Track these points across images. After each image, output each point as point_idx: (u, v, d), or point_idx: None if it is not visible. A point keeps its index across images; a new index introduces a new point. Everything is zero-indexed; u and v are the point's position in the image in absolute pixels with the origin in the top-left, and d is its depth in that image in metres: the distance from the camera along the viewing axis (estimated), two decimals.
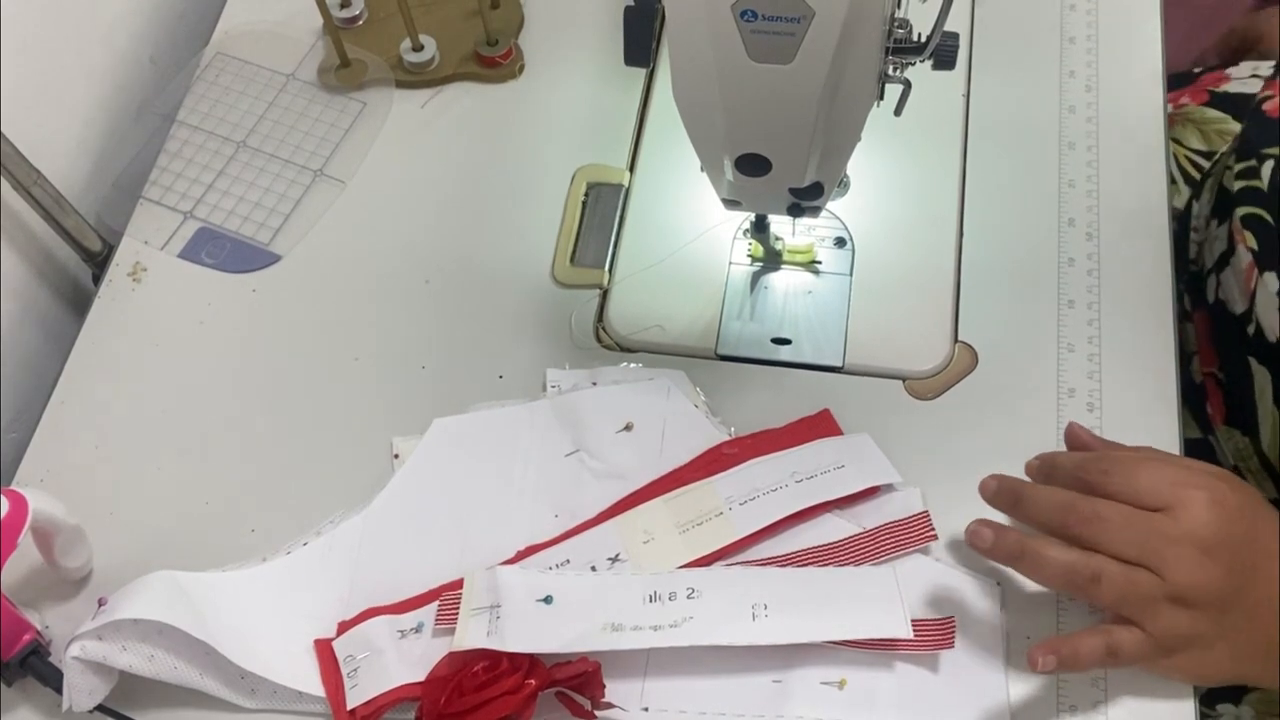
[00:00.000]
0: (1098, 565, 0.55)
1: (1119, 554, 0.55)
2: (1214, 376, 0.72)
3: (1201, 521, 0.54)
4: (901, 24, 0.56)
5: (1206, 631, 0.55)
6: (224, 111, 0.81)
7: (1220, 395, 0.72)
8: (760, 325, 0.70)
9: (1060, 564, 0.55)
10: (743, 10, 0.49)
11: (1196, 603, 0.54)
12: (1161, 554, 0.54)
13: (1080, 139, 0.76)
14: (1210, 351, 0.72)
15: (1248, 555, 0.55)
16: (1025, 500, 0.58)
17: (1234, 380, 0.70)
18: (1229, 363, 0.70)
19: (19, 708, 0.61)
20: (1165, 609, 0.54)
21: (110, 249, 0.77)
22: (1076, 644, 0.55)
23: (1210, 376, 0.73)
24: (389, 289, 0.73)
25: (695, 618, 0.58)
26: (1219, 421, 0.72)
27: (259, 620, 0.61)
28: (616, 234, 0.74)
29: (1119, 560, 0.55)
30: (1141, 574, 0.54)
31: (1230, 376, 0.70)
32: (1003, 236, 0.72)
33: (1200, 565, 0.54)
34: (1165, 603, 0.54)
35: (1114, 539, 0.55)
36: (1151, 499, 0.55)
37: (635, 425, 0.66)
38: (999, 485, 0.59)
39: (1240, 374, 0.68)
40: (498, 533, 0.64)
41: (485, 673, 0.56)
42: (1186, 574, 0.54)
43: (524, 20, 0.83)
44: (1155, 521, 0.55)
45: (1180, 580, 0.54)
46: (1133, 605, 0.55)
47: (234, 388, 0.70)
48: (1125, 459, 0.58)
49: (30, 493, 0.58)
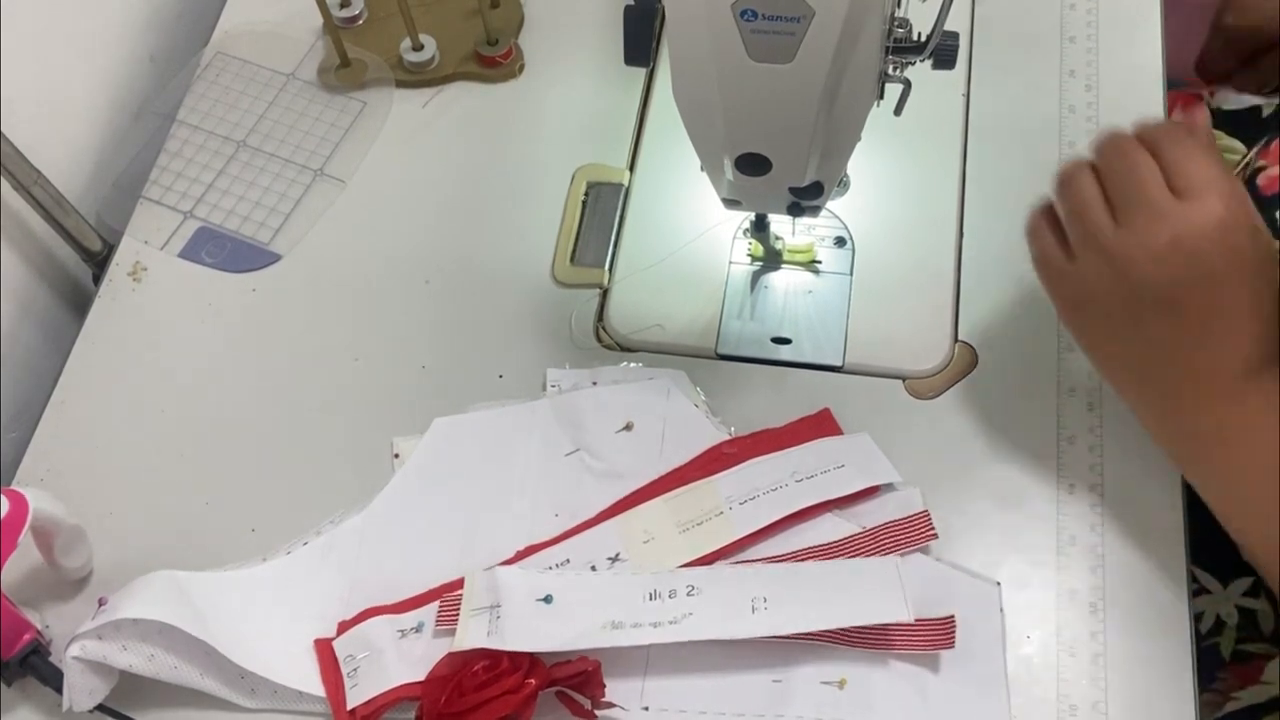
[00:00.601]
0: (1080, 174, 0.54)
1: (1110, 185, 0.54)
2: None
3: (1194, 225, 0.52)
4: (901, 23, 0.56)
5: (1113, 307, 0.54)
6: (224, 111, 0.81)
7: None
8: (760, 325, 0.70)
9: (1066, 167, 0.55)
10: (743, 10, 0.49)
11: (1124, 272, 0.53)
12: (1137, 213, 0.52)
13: (1080, 139, 0.76)
14: None
15: (1202, 292, 0.53)
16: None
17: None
18: None
19: (19, 707, 0.61)
20: (1092, 255, 0.54)
21: (110, 249, 0.77)
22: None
23: None
24: (389, 289, 0.73)
25: (695, 614, 0.58)
26: None
27: (259, 620, 0.61)
28: (616, 234, 0.74)
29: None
30: (1103, 211, 0.53)
31: None
32: (1003, 236, 0.72)
33: (1156, 254, 0.52)
34: (1099, 250, 0.53)
35: (1120, 173, 0.53)
36: (1181, 178, 0.52)
37: (635, 425, 0.67)
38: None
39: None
40: (498, 532, 0.64)
41: (485, 672, 0.56)
42: (1138, 244, 0.52)
43: (524, 20, 0.83)
44: (1162, 191, 0.52)
45: (1128, 243, 0.53)
46: (1076, 228, 0.54)
47: (234, 388, 0.70)
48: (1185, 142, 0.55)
49: (30, 493, 0.58)
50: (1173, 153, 0.53)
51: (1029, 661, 0.59)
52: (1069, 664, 0.59)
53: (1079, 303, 0.57)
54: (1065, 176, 0.56)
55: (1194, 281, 0.52)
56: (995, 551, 0.62)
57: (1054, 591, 0.61)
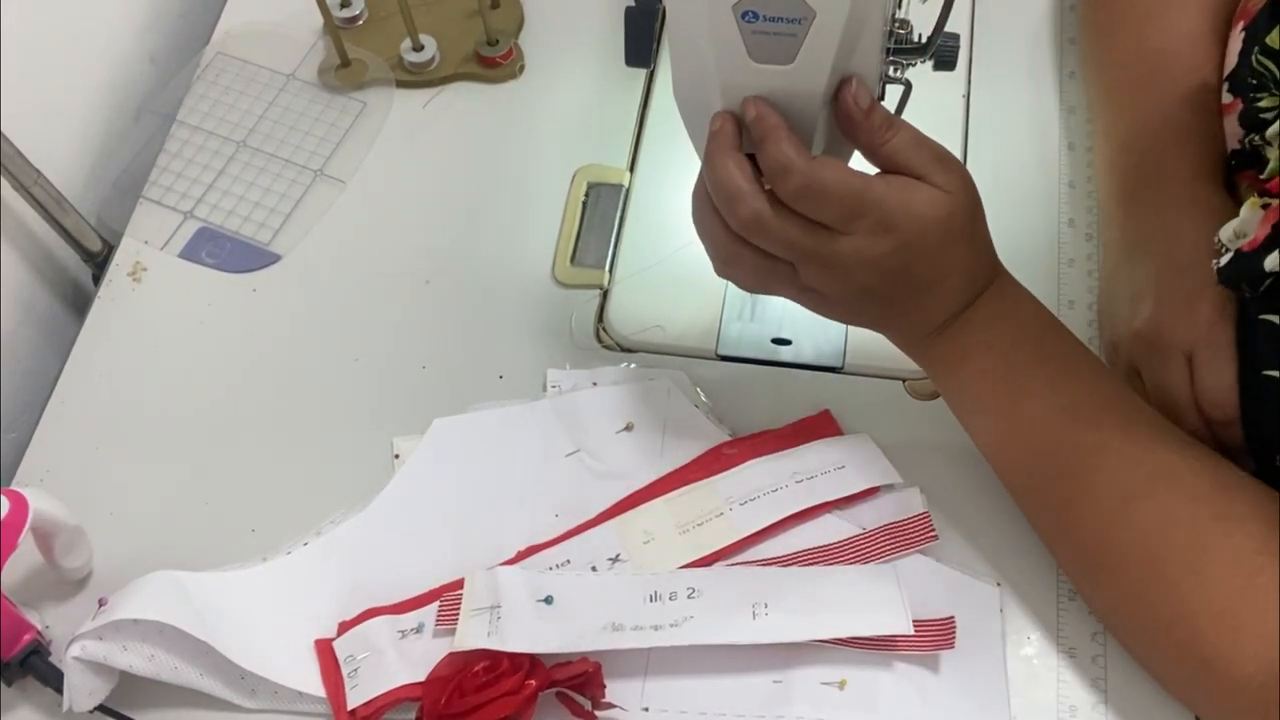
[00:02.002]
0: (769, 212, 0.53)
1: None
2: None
3: (913, 215, 0.53)
4: (902, 24, 0.56)
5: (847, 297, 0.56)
6: (224, 111, 0.81)
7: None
8: (760, 326, 0.70)
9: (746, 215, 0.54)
10: (744, 11, 0.49)
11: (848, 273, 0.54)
12: (856, 219, 0.52)
13: (1080, 139, 0.76)
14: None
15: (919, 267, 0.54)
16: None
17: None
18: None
19: (19, 708, 0.61)
20: (815, 267, 0.54)
21: (110, 249, 0.77)
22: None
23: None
24: (389, 289, 0.73)
25: (696, 617, 0.58)
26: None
27: (259, 620, 0.61)
28: (617, 234, 0.74)
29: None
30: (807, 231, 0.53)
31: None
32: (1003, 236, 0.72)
33: (874, 257, 0.53)
34: (821, 262, 0.54)
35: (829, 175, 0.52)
36: (903, 160, 0.53)
37: (636, 425, 0.67)
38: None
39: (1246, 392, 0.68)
40: (498, 533, 0.64)
41: (485, 673, 0.56)
42: (854, 250, 0.53)
43: (524, 20, 0.83)
44: (879, 187, 0.52)
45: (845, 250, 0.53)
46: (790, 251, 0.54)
47: (234, 388, 0.70)
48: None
49: (30, 493, 0.58)
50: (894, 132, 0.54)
51: (1029, 662, 0.59)
52: (1069, 665, 0.59)
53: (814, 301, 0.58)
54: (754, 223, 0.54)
55: (909, 263, 0.54)
56: (995, 553, 0.62)
57: (1054, 593, 0.61)
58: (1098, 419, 0.56)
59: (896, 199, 0.52)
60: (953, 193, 0.54)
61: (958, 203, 0.54)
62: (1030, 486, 0.59)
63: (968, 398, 0.60)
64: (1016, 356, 0.58)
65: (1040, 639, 0.60)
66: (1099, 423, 0.56)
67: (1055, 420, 0.57)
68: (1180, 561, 0.53)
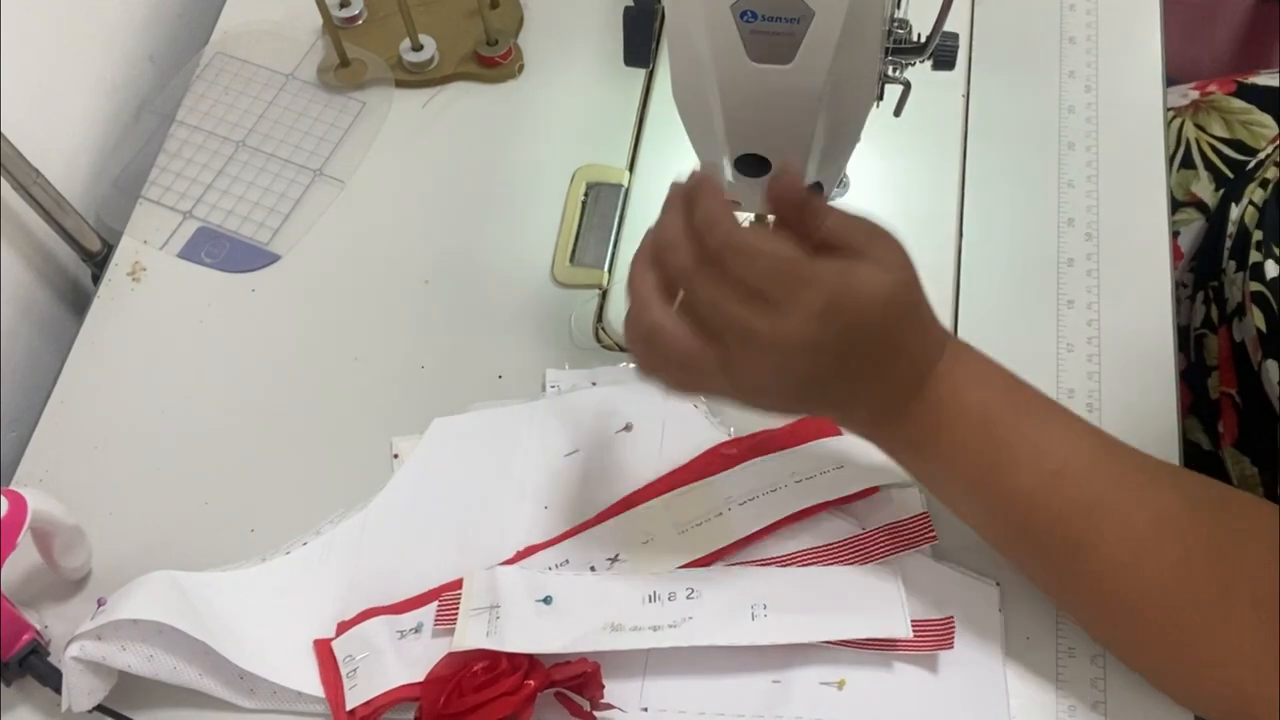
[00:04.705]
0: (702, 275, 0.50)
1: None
2: (1230, 397, 0.72)
3: (855, 294, 0.49)
4: (901, 24, 0.56)
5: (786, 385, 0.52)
6: (224, 111, 0.81)
7: (1235, 417, 0.72)
8: None
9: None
10: (742, 10, 0.49)
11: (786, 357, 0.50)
12: (793, 295, 0.49)
13: (1080, 139, 0.76)
14: (1230, 373, 0.72)
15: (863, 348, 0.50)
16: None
17: (1250, 407, 0.70)
18: (1246, 389, 0.70)
19: (18, 708, 0.61)
20: (752, 350, 0.50)
21: (110, 249, 0.77)
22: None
23: (1227, 397, 0.73)
24: (389, 289, 0.73)
25: (695, 618, 0.58)
26: (1228, 441, 0.72)
27: (259, 620, 0.61)
28: (616, 234, 0.74)
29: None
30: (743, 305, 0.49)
31: (1247, 403, 0.70)
32: (1003, 236, 0.73)
33: (811, 337, 0.49)
34: (757, 344, 0.49)
35: (761, 257, 0.49)
36: (844, 235, 0.50)
37: (635, 425, 0.66)
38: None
39: (1255, 404, 0.68)
40: (497, 533, 0.64)
41: (484, 673, 0.56)
42: (792, 329, 0.49)
43: (524, 20, 0.83)
44: (818, 265, 0.49)
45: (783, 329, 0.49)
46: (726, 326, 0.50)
47: (234, 387, 0.70)
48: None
49: (30, 493, 0.58)
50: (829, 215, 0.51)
51: (1029, 663, 0.59)
52: (1068, 664, 0.59)
53: (749, 391, 0.54)
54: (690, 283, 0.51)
55: (855, 344, 0.51)
56: (995, 552, 0.62)
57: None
58: (1089, 476, 0.54)
59: (836, 279, 0.49)
60: (893, 267, 0.50)
61: (899, 277, 0.50)
62: (1025, 550, 0.57)
63: (945, 478, 0.56)
64: (994, 429, 0.54)
65: (1040, 639, 0.60)
66: (1090, 479, 0.54)
67: (1046, 491, 0.53)
68: (1202, 609, 0.51)
